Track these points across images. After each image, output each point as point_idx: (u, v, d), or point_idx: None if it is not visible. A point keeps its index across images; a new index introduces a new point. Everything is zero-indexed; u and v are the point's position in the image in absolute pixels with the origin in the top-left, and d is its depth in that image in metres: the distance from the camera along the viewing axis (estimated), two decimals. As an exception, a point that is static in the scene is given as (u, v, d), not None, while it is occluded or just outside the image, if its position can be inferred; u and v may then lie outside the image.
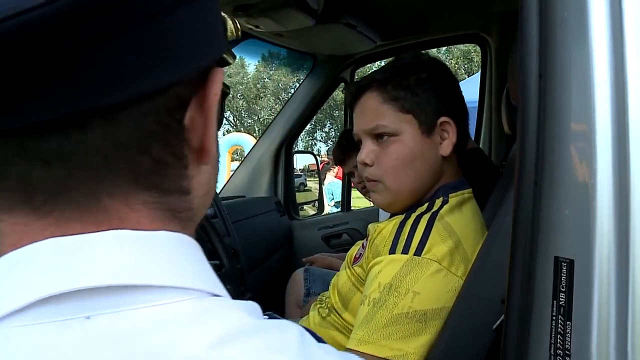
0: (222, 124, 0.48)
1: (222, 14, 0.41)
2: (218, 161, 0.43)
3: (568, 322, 0.56)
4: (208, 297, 0.35)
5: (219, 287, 0.37)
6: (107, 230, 0.33)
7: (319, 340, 0.39)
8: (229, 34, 0.42)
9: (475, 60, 20.40)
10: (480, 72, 2.51)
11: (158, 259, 0.34)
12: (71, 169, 0.32)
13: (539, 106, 0.61)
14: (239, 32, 0.43)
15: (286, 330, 0.35)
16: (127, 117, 0.32)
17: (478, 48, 2.45)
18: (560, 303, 0.57)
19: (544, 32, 0.60)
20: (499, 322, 0.74)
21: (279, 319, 0.40)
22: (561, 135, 0.60)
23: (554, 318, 0.57)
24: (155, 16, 0.32)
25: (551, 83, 0.61)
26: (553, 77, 0.60)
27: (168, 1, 0.33)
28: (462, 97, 1.06)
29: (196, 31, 0.35)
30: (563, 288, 0.57)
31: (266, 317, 0.47)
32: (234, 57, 0.44)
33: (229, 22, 0.42)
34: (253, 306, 0.37)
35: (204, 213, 0.44)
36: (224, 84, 0.46)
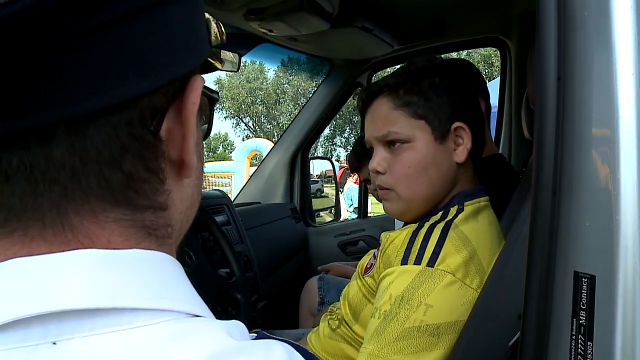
0: (210, 133, 0.46)
1: (207, 15, 0.39)
2: (202, 172, 0.41)
3: (589, 343, 0.52)
4: (186, 318, 0.33)
5: (200, 306, 0.35)
6: (74, 250, 0.31)
7: (310, 357, 0.37)
8: (213, 38, 0.39)
9: (495, 64, 20.21)
10: (500, 76, 2.46)
11: (129, 279, 0.32)
12: (35, 186, 0.30)
13: (557, 110, 0.58)
14: (224, 37, 0.40)
15: (272, 351, 0.33)
16: (96, 129, 0.30)
17: (499, 52, 2.41)
18: (581, 322, 0.53)
19: (563, 32, 0.57)
20: (515, 338, 0.70)
21: (268, 337, 0.37)
22: (581, 141, 0.57)
23: (573, 338, 0.54)
24: (127, 19, 0.30)
25: (570, 86, 0.57)
26: (572, 80, 0.57)
27: (142, 2, 0.30)
28: (478, 102, 1.03)
29: (174, 36, 0.33)
30: (583, 306, 0.53)
31: (254, 335, 0.44)
32: (221, 61, 0.42)
33: (213, 25, 0.39)
34: (237, 326, 0.35)
35: (188, 227, 0.42)
36: (211, 90, 0.43)
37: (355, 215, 7.00)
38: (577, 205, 0.56)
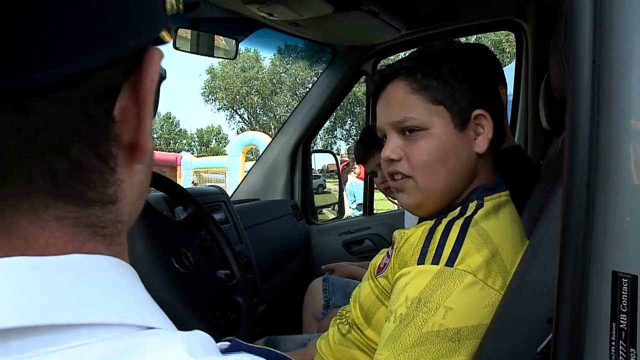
0: (155, 113, 0.44)
1: None
2: (152, 159, 0.38)
3: (632, 350, 0.51)
4: (137, 333, 0.30)
5: (156, 317, 0.32)
6: (1, 257, 0.28)
7: None
8: (168, 7, 0.37)
9: (507, 50, 20.18)
10: (515, 62, 2.45)
11: (67, 290, 0.29)
12: None
13: (592, 97, 0.56)
14: (180, 5, 0.38)
15: None
16: (46, 106, 0.28)
17: (511, 37, 2.40)
18: (621, 326, 0.52)
19: (599, 9, 0.55)
20: (544, 343, 0.69)
21: (243, 347, 0.35)
22: (619, 130, 0.55)
23: (613, 343, 0.52)
24: None
25: (607, 71, 0.56)
26: (609, 64, 0.56)
27: None
28: (498, 89, 1.01)
29: (128, 4, 0.31)
30: (624, 309, 0.52)
31: (226, 345, 0.42)
32: (171, 34, 0.40)
33: None
34: (201, 338, 0.32)
35: (135, 219, 0.39)
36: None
37: (358, 212, 7.01)
38: (614, 199, 0.55)
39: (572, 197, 0.59)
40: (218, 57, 1.98)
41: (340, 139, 29.88)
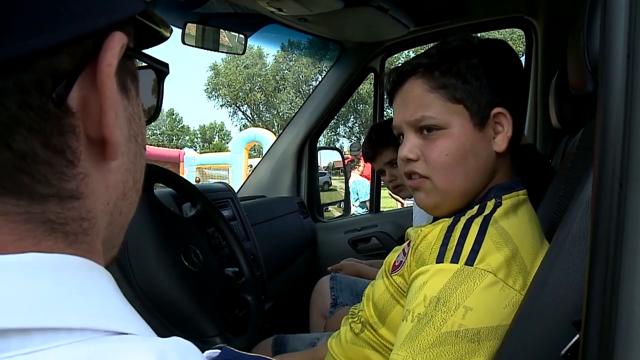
0: (158, 114, 0.41)
1: None
2: (140, 155, 0.36)
3: (669, 355, 0.49)
4: (103, 338, 0.28)
5: (128, 322, 0.30)
6: None
7: None
8: None
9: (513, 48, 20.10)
10: (524, 60, 2.42)
11: (19, 292, 0.26)
12: None
13: (625, 93, 0.55)
14: None
15: None
16: None
17: (515, 35, 2.40)
18: (657, 330, 0.50)
19: (635, 5, 0.54)
20: (569, 346, 0.67)
21: (235, 355, 0.33)
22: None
23: (647, 348, 0.51)
24: None
25: (641, 64, 0.54)
26: (644, 57, 0.54)
27: None
28: (519, 86, 0.99)
29: None
30: (660, 312, 0.50)
31: (215, 353, 0.40)
32: (167, 26, 0.37)
33: None
34: (178, 347, 0.30)
35: (127, 221, 0.37)
36: (159, 61, 0.38)
37: (361, 210, 7.00)
38: (649, 198, 0.53)
39: (603, 196, 0.57)
40: (227, 53, 1.96)
41: (343, 136, 29.87)
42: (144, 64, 0.38)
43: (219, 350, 0.42)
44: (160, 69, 0.39)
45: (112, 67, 0.31)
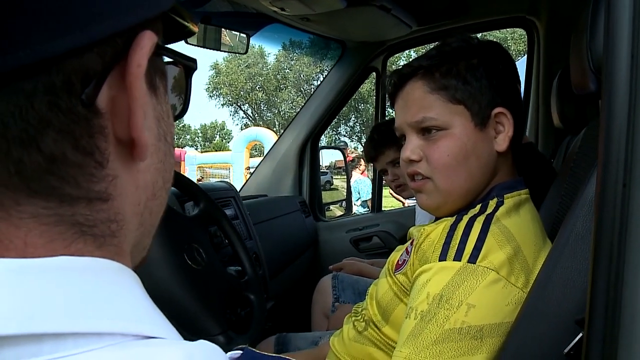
0: (185, 111, 0.40)
1: None
2: (170, 154, 0.36)
3: (673, 354, 0.49)
4: (133, 342, 0.28)
5: (156, 324, 0.30)
6: None
7: None
8: None
9: (512, 48, 20.09)
10: (526, 59, 2.43)
11: (51, 296, 0.26)
12: None
13: (630, 93, 0.55)
14: None
15: None
16: (2, 99, 0.25)
17: (515, 35, 2.41)
18: (661, 329, 0.50)
19: (639, 5, 0.54)
20: (571, 345, 0.68)
21: (257, 356, 0.33)
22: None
23: (651, 346, 0.51)
24: None
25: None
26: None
27: None
28: (518, 86, 1.00)
29: None
30: (664, 311, 0.50)
31: (238, 354, 0.40)
32: (195, 22, 0.37)
33: None
34: (206, 350, 0.30)
35: (156, 222, 0.37)
36: (187, 57, 0.38)
37: (363, 209, 7.00)
38: (652, 198, 0.53)
39: (607, 196, 0.57)
40: (229, 52, 1.96)
41: (344, 135, 29.83)
42: (170, 60, 0.37)
43: (241, 352, 0.42)
44: (188, 65, 0.38)
45: (141, 68, 0.30)
